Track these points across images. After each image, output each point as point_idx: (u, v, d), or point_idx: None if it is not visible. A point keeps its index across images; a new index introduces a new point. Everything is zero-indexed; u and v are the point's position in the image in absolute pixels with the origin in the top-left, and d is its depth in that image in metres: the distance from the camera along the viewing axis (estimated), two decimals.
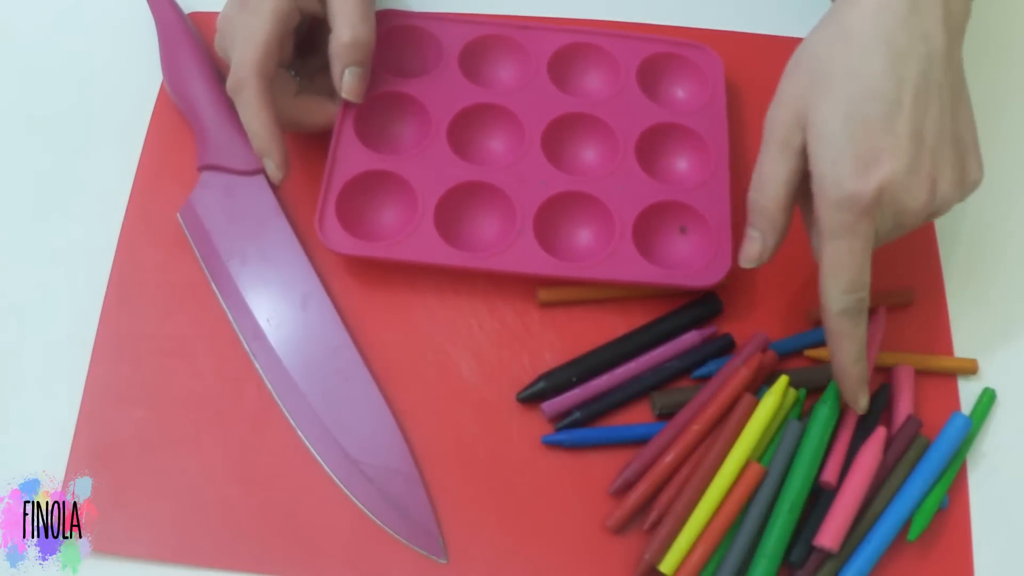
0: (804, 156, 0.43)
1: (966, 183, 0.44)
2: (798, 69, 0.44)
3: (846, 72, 0.42)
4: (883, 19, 0.41)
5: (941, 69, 0.42)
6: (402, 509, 0.46)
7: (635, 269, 0.50)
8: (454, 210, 0.52)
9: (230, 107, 0.51)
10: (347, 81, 0.51)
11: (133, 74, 0.58)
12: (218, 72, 0.55)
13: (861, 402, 0.46)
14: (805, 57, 0.44)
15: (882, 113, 0.41)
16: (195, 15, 0.58)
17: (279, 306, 0.50)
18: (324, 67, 0.52)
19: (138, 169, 0.55)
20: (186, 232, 0.52)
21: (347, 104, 0.53)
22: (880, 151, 0.41)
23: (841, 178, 0.41)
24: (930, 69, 0.41)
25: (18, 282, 0.53)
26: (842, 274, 0.42)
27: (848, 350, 0.44)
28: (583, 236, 0.52)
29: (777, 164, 0.44)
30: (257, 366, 0.49)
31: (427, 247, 0.50)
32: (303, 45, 0.54)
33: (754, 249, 0.46)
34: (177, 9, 0.57)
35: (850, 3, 0.43)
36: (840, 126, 0.41)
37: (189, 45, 0.55)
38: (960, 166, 0.43)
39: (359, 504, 0.47)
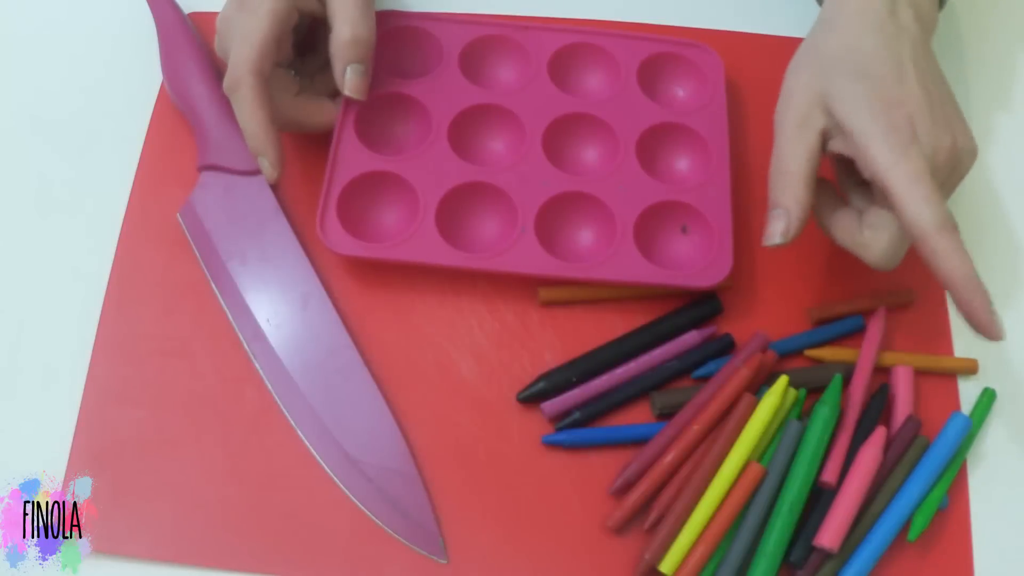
0: (822, 136, 0.46)
1: (972, 144, 0.46)
2: (800, 67, 0.47)
3: (847, 50, 0.45)
4: (868, 15, 0.46)
5: (923, 52, 0.46)
6: (402, 509, 0.46)
7: (636, 269, 0.50)
8: (455, 211, 0.52)
9: (230, 107, 0.51)
10: (349, 78, 0.51)
11: (133, 74, 0.58)
12: (218, 72, 0.55)
13: (998, 324, 0.42)
14: (804, 55, 0.48)
15: (890, 71, 0.44)
16: (195, 15, 0.58)
17: (279, 306, 0.50)
18: (324, 67, 0.52)
19: (138, 169, 0.55)
20: (186, 232, 0.52)
21: (348, 105, 0.53)
22: (899, 97, 0.44)
23: (879, 114, 0.43)
24: (916, 48, 0.46)
25: (18, 282, 0.53)
26: (918, 188, 0.42)
27: (962, 266, 0.41)
28: (584, 236, 0.52)
29: (797, 142, 0.45)
30: (257, 366, 0.49)
31: (428, 248, 0.50)
32: (303, 45, 0.54)
33: (780, 225, 0.45)
34: (177, 9, 0.57)
35: (836, 8, 0.47)
36: (859, 86, 0.44)
37: (189, 45, 0.55)
38: (964, 125, 0.46)
39: (359, 504, 0.47)
